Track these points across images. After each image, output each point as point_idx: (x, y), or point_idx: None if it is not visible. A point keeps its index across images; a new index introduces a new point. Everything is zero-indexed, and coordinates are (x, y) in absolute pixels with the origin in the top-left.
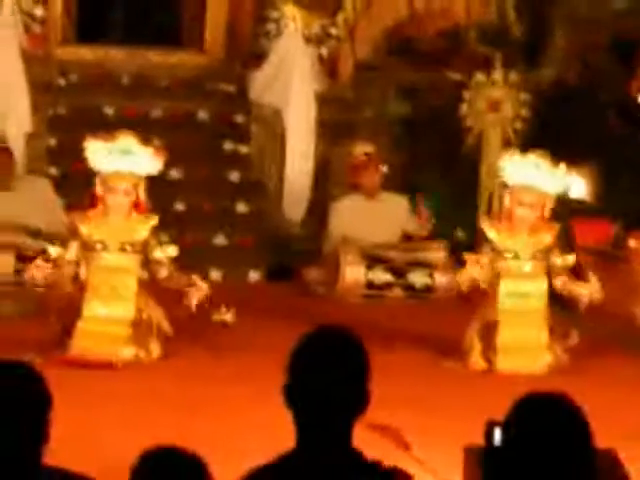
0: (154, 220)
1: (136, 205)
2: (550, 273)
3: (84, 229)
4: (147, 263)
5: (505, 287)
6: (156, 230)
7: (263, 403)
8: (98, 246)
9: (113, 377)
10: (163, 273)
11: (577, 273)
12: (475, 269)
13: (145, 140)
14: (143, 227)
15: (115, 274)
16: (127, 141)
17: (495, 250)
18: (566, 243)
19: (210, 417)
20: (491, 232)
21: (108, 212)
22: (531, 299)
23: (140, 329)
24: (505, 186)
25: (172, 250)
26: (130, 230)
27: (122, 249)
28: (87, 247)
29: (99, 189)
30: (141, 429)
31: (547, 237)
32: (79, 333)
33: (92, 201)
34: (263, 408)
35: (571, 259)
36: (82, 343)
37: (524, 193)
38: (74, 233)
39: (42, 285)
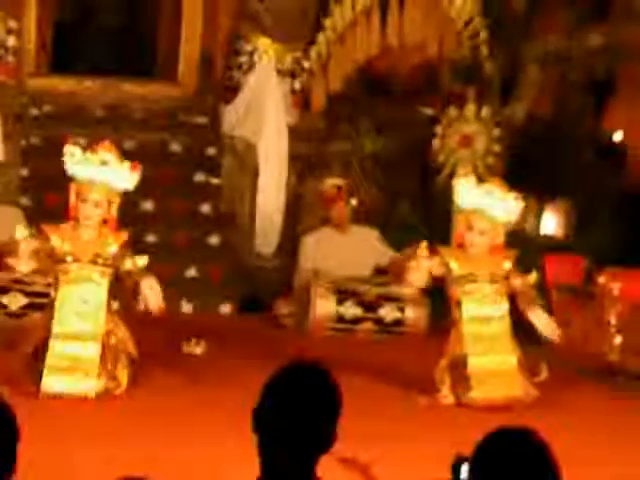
0: (125, 235)
1: (106, 221)
2: (514, 297)
3: (55, 240)
4: (118, 279)
5: (466, 311)
6: (126, 245)
7: (233, 434)
8: (68, 258)
9: (83, 409)
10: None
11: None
12: (428, 262)
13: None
14: (114, 241)
15: (85, 286)
16: (106, 154)
17: (455, 277)
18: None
19: (179, 448)
20: (450, 259)
21: (79, 225)
22: (493, 323)
23: (108, 356)
24: (458, 211)
25: (142, 260)
26: (101, 243)
27: (93, 261)
28: (57, 259)
29: (72, 198)
30: (111, 461)
31: (506, 263)
32: (48, 371)
33: (73, 214)
34: (233, 439)
35: (532, 278)
36: (52, 380)
37: (475, 218)
38: (43, 243)
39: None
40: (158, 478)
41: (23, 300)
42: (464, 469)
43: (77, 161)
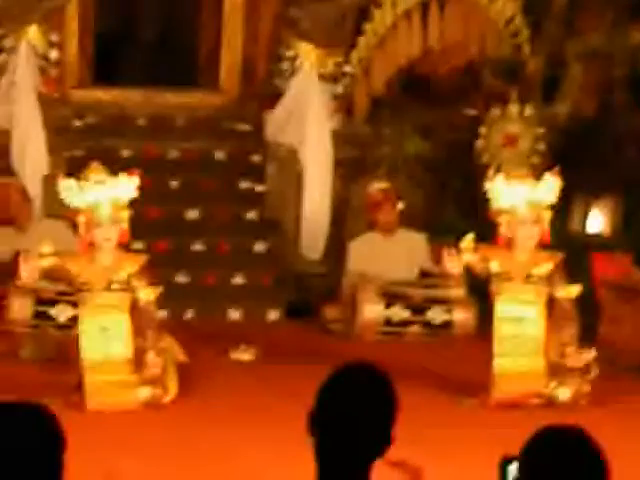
0: (141, 259)
1: (120, 235)
2: (552, 304)
3: (73, 270)
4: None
5: (498, 310)
6: (145, 269)
7: (282, 440)
8: (86, 286)
9: (131, 419)
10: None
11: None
12: (470, 256)
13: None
14: (130, 265)
15: (104, 314)
16: (98, 173)
17: (492, 275)
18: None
19: (228, 455)
20: (491, 257)
21: (96, 252)
22: (525, 324)
23: (155, 365)
24: (499, 212)
25: (151, 293)
26: (117, 268)
27: (109, 288)
28: (76, 288)
29: (82, 228)
30: (160, 472)
31: (547, 265)
32: (89, 388)
33: (85, 247)
34: (282, 445)
35: (574, 290)
36: (96, 398)
37: (520, 211)
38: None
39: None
40: None
41: (71, 311)
42: (512, 469)
43: (76, 192)
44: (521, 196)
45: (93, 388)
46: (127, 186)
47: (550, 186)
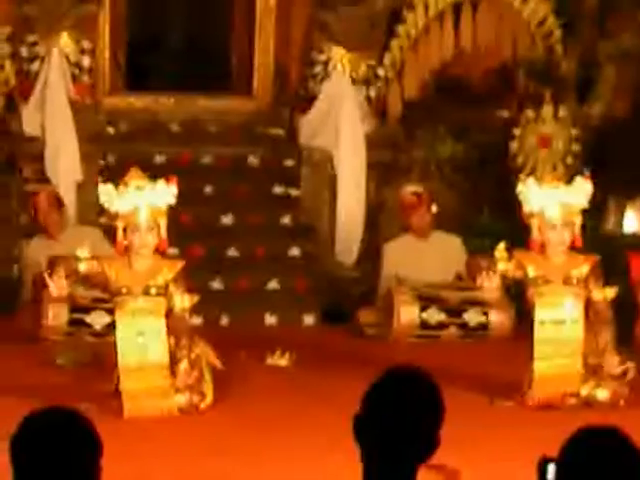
0: (179, 265)
1: (158, 241)
2: (588, 307)
3: (110, 273)
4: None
5: (538, 314)
6: (182, 275)
7: (321, 446)
8: (123, 291)
9: (168, 425)
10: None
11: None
12: (504, 265)
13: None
14: (168, 271)
15: (141, 318)
16: (138, 179)
17: (530, 279)
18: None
19: (265, 461)
20: (526, 262)
21: (133, 257)
22: (566, 326)
23: (191, 371)
24: (530, 215)
25: (187, 300)
26: (154, 272)
27: (146, 292)
28: (113, 292)
29: (120, 233)
30: (196, 478)
31: (584, 266)
32: (126, 394)
33: (121, 250)
34: (321, 451)
35: (610, 293)
36: (133, 404)
37: (551, 214)
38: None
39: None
40: None
41: (107, 318)
42: (551, 469)
43: (115, 196)
44: (552, 199)
45: (130, 394)
46: (166, 193)
47: (582, 190)
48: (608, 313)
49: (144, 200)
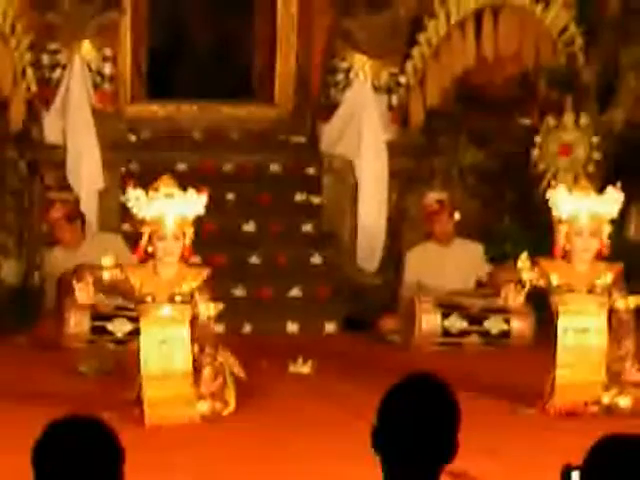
0: (205, 273)
1: (182, 255)
2: (610, 315)
3: (134, 280)
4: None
5: (562, 322)
6: (207, 283)
7: (343, 454)
8: (148, 298)
9: (190, 432)
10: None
11: None
12: (528, 274)
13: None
14: (193, 279)
15: (165, 326)
16: (168, 186)
17: (554, 287)
18: None
19: (286, 469)
20: (550, 270)
21: (158, 264)
22: (589, 335)
23: (214, 378)
24: (559, 221)
25: (212, 308)
26: (180, 280)
27: (171, 300)
28: (137, 300)
29: (144, 240)
30: None
31: (608, 275)
32: (149, 402)
33: (142, 256)
34: (343, 460)
35: (634, 301)
36: (156, 412)
37: (580, 222)
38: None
39: (89, 302)
40: None
41: (129, 326)
42: (574, 477)
43: (144, 202)
44: (583, 207)
45: (153, 402)
46: (195, 202)
47: (613, 200)
48: (631, 322)
49: (173, 208)
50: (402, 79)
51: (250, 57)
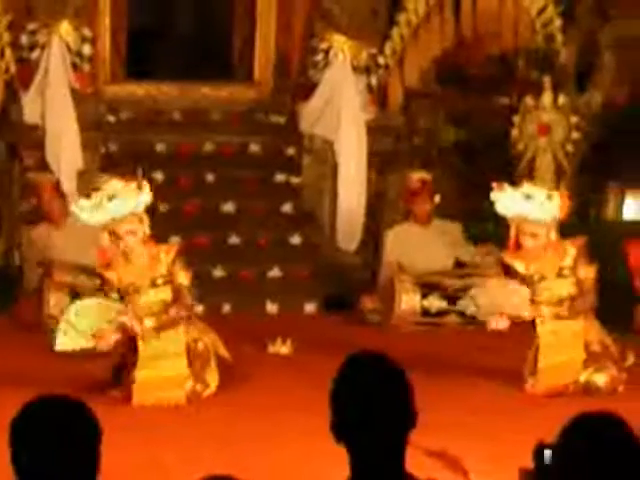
0: (174, 246)
1: (144, 242)
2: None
3: (112, 276)
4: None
5: (537, 312)
6: (178, 254)
7: (321, 435)
8: (130, 288)
9: (170, 413)
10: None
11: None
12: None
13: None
14: (166, 253)
15: (155, 311)
16: (110, 187)
17: (525, 277)
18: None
19: (266, 449)
20: (516, 263)
21: (129, 255)
22: (566, 320)
23: (197, 361)
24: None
25: (185, 277)
26: (155, 263)
27: (154, 284)
28: (121, 292)
29: (105, 240)
30: (194, 462)
31: (571, 251)
32: (140, 383)
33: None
34: (321, 440)
35: (592, 270)
36: (144, 393)
37: (522, 223)
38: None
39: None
40: (243, 478)
41: None
42: (547, 455)
43: (90, 210)
44: (524, 210)
45: (144, 383)
46: (139, 196)
47: (550, 207)
48: (592, 288)
49: (119, 208)
50: (381, 60)
51: (230, 38)
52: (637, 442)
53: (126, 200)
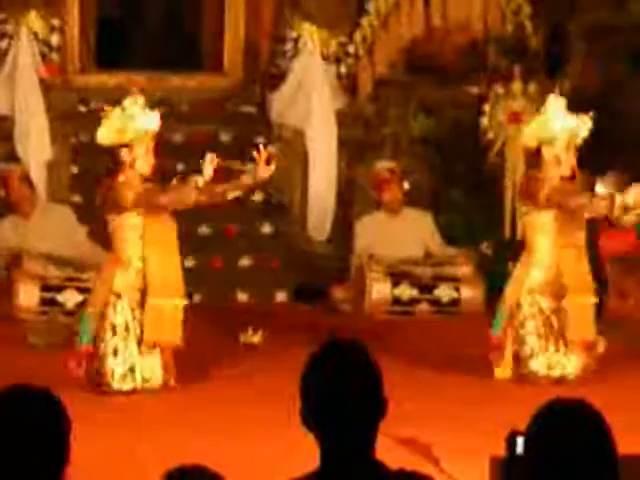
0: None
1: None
2: None
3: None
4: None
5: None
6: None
7: (292, 424)
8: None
9: (141, 401)
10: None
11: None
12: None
13: None
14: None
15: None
16: (130, 106)
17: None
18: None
19: (236, 439)
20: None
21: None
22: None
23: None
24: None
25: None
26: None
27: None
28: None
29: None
30: (167, 452)
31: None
32: (150, 314)
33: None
34: (292, 429)
35: None
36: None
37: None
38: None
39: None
40: (214, 468)
41: (78, 297)
42: (519, 443)
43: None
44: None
45: (154, 312)
46: (150, 116)
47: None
48: None
49: (145, 122)
50: (351, 48)
51: (199, 27)
52: (608, 428)
53: (141, 119)
